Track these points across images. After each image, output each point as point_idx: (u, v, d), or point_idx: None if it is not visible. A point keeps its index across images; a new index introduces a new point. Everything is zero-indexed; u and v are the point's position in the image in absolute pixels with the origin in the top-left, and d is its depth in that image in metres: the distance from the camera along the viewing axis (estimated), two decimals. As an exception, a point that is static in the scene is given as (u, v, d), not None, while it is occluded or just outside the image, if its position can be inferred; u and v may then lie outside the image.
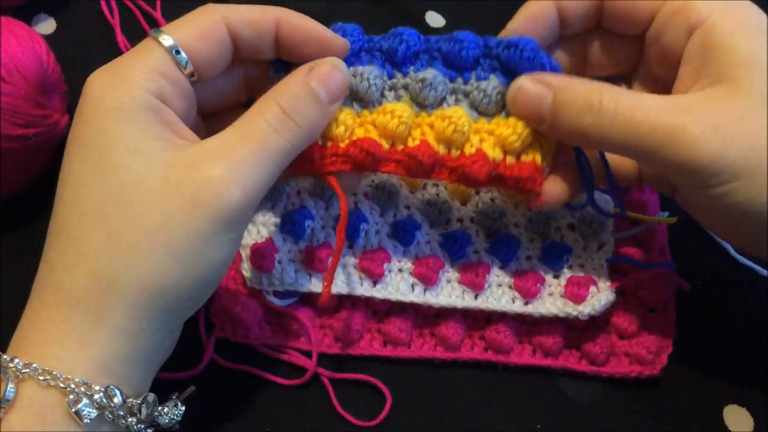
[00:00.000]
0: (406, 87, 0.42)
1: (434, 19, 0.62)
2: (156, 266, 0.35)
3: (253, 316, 0.48)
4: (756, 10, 0.39)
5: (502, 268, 0.49)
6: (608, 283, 0.48)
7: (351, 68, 0.41)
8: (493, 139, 0.41)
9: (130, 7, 0.59)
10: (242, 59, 0.41)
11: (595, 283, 0.48)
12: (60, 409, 0.34)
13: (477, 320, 0.50)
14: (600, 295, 0.47)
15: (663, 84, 0.43)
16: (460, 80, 0.42)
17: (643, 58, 0.44)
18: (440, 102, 0.42)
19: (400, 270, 0.48)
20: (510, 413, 0.48)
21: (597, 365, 0.49)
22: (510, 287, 0.48)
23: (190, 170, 0.35)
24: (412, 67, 0.42)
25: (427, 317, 0.50)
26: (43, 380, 0.33)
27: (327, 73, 0.39)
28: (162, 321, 0.36)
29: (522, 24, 0.43)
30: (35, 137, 0.46)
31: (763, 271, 0.52)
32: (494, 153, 0.41)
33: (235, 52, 0.40)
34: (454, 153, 0.42)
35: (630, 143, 0.37)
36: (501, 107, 0.42)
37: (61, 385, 0.33)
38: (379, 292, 0.48)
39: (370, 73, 0.41)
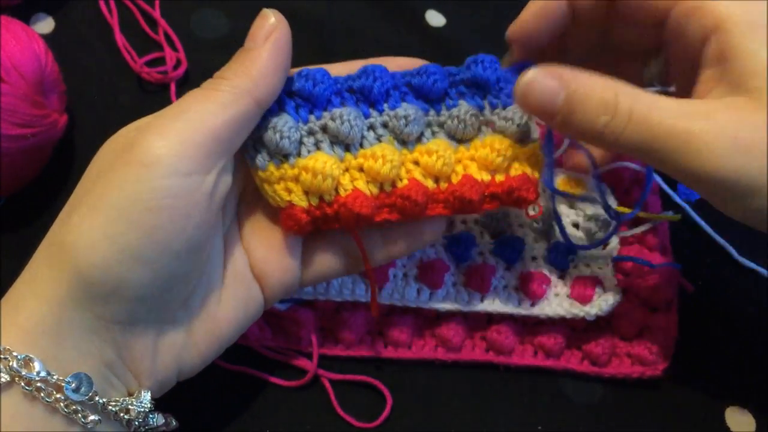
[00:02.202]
0: (385, 125, 0.41)
1: (434, 18, 0.62)
2: (68, 221, 0.35)
3: (254, 318, 0.48)
4: None
5: (507, 269, 0.49)
6: (614, 283, 0.48)
7: (326, 112, 0.40)
8: (475, 163, 0.41)
9: (129, 6, 0.58)
10: None
11: (601, 283, 0.48)
12: None
13: (478, 321, 0.50)
14: (606, 295, 0.47)
15: (679, 93, 0.41)
16: (432, 112, 0.41)
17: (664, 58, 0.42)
18: (419, 137, 0.41)
19: (405, 275, 0.48)
20: (511, 414, 0.48)
21: (599, 366, 0.49)
22: (516, 289, 0.48)
23: (134, 132, 0.36)
24: (386, 104, 0.41)
25: (427, 318, 0.50)
26: None
27: (254, 25, 0.38)
28: (77, 292, 0.34)
29: (530, 17, 0.42)
30: (34, 137, 0.46)
31: (765, 272, 0.52)
32: (481, 176, 0.41)
33: None
34: (443, 185, 0.41)
35: (645, 146, 0.35)
36: (477, 130, 0.41)
37: None
38: (385, 299, 0.48)
39: (349, 114, 0.39)
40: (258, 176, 0.39)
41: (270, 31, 0.37)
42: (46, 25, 0.58)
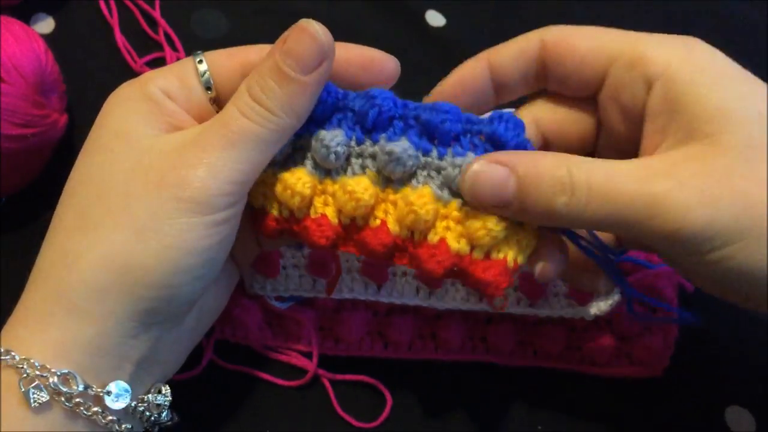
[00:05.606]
0: (373, 156, 0.37)
1: (434, 19, 0.62)
2: (118, 244, 0.34)
3: (253, 318, 0.48)
4: (714, 52, 0.35)
5: (507, 269, 0.49)
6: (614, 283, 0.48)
7: (319, 130, 0.37)
8: (460, 228, 0.36)
9: (129, 6, 0.58)
10: None
11: (599, 284, 0.48)
12: (14, 392, 0.33)
13: (478, 321, 0.50)
14: (606, 295, 0.47)
15: (627, 151, 0.38)
16: (434, 153, 0.36)
17: (602, 124, 0.40)
18: (409, 177, 0.37)
19: (404, 273, 0.48)
20: (510, 414, 0.48)
21: (598, 366, 0.49)
22: (515, 288, 0.48)
23: (163, 155, 0.35)
24: (384, 134, 0.37)
25: (427, 318, 0.50)
26: (3, 360, 0.33)
27: (296, 41, 0.35)
28: (129, 308, 0.34)
29: (450, 88, 0.40)
30: (34, 137, 0.46)
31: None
32: (459, 245, 0.36)
33: None
34: (418, 237, 0.37)
35: (610, 219, 0.33)
36: None
37: (19, 366, 0.33)
38: (384, 297, 0.48)
39: (332, 140, 0.36)
40: None
41: (321, 59, 0.35)
42: (46, 25, 0.58)
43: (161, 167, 0.35)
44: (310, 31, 0.35)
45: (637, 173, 0.33)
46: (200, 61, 0.39)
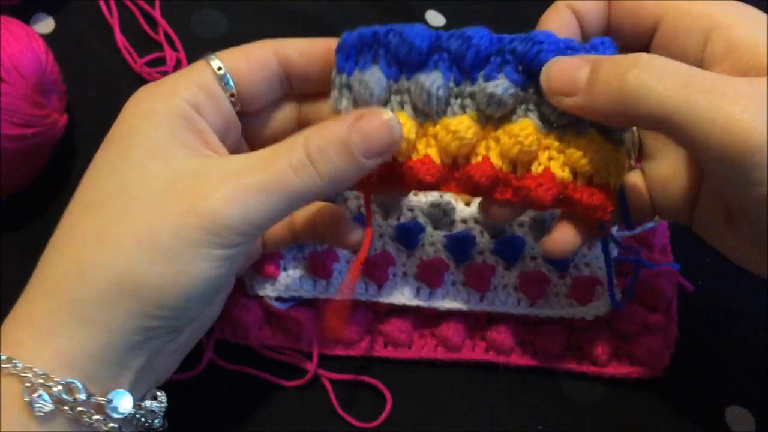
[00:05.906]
0: (473, 96, 0.38)
1: (434, 19, 0.62)
2: (136, 263, 0.34)
3: (253, 318, 0.48)
4: (756, 9, 0.37)
5: (507, 269, 0.49)
6: (614, 283, 0.48)
7: (416, 74, 0.38)
8: (563, 157, 0.38)
9: (129, 6, 0.58)
10: (296, 93, 0.42)
11: (600, 283, 0.48)
12: (17, 400, 0.33)
13: (478, 321, 0.50)
14: (605, 296, 0.47)
15: None
16: (531, 90, 0.38)
17: None
18: (509, 113, 0.38)
19: (404, 273, 0.48)
20: (511, 414, 0.48)
21: (598, 366, 0.49)
22: (515, 288, 0.48)
23: (199, 180, 0.35)
24: (481, 73, 0.38)
25: (427, 318, 0.50)
26: (5, 368, 0.33)
27: (373, 127, 0.36)
28: (138, 323, 0.35)
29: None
30: (34, 137, 0.46)
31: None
32: (563, 173, 0.38)
33: (288, 84, 0.41)
34: (520, 171, 0.39)
35: (675, 106, 0.32)
36: (576, 118, 0.38)
37: (21, 374, 0.33)
38: (384, 297, 0.48)
39: (432, 84, 0.37)
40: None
41: (388, 149, 0.37)
42: (46, 25, 0.58)
43: (194, 193, 0.35)
44: (390, 124, 0.36)
45: (716, 75, 0.34)
46: (219, 68, 0.39)
